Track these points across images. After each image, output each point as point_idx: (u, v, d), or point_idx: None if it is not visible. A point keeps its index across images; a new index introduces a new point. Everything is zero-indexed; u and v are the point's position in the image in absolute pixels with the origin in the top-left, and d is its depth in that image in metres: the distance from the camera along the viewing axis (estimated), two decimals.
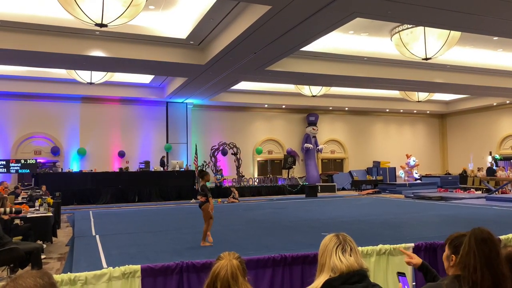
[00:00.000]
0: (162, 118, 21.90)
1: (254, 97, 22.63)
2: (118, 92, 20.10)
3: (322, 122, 26.08)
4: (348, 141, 27.05)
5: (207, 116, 23.35)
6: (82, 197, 17.71)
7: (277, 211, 14.13)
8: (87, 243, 8.41)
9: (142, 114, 21.55)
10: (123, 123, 21.16)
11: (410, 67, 17.06)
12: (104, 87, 19.23)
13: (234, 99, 22.31)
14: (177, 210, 14.99)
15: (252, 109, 24.48)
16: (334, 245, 1.97)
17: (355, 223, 10.62)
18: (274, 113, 25.24)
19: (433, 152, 29.42)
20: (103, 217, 13.13)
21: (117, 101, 21.08)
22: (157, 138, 21.76)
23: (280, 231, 9.49)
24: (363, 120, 27.41)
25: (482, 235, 1.85)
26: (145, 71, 16.07)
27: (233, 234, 9.18)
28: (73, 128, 20.35)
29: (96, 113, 20.70)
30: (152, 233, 9.53)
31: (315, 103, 23.93)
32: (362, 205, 15.81)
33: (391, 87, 19.79)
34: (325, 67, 15.99)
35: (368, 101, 25.14)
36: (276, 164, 25.46)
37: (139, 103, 21.47)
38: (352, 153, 27.06)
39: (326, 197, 19.75)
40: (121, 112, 21.20)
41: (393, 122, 28.37)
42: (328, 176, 25.45)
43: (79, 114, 20.44)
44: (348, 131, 27.10)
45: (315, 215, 12.67)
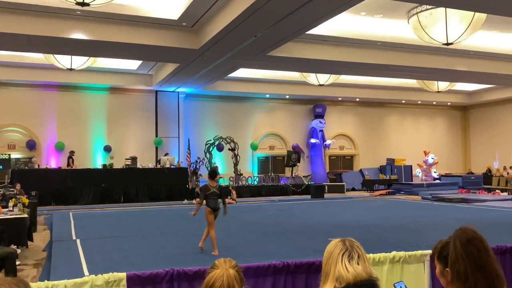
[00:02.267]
0: (150, 109, 21.89)
1: (254, 86, 22.59)
2: (101, 80, 20.06)
3: (330, 114, 26.05)
4: (359, 136, 27.04)
5: (201, 107, 23.34)
6: (61, 196, 17.73)
7: (279, 213, 14.16)
8: (66, 247, 8.43)
9: (128, 105, 21.53)
10: (107, 114, 21.15)
11: (429, 53, 17.02)
12: (85, 73, 19.20)
13: (232, 88, 22.27)
14: (168, 212, 15.02)
15: (251, 100, 24.45)
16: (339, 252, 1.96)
17: (366, 227, 10.64)
18: (276, 104, 25.21)
19: (454, 148, 29.43)
20: (85, 219, 13.15)
21: (100, 90, 21.06)
22: (145, 132, 21.76)
23: (282, 236, 9.52)
24: (376, 113, 27.38)
25: (466, 235, 1.82)
26: (132, 56, 16.02)
27: (229, 239, 9.21)
28: (51, 119, 20.34)
29: (77, 103, 20.68)
30: (140, 237, 9.56)
31: (322, 93, 23.89)
32: (374, 208, 15.82)
33: (407, 76, 19.73)
34: (334, 53, 15.95)
35: (381, 91, 25.10)
36: (278, 161, 25.46)
37: (125, 92, 21.44)
38: (363, 149, 27.07)
39: (334, 198, 19.77)
40: (105, 102, 21.18)
41: (409, 115, 28.34)
42: (336, 175, 25.46)
43: (58, 104, 20.42)
44: (359, 124, 27.08)
45: (322, 218, 12.69)
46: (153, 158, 21.54)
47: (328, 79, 19.18)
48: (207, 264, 2.00)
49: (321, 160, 25.47)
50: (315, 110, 25.49)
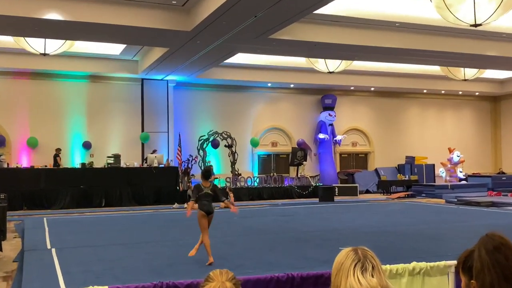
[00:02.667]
0: (136, 99, 21.89)
1: (254, 74, 22.57)
2: (79, 66, 20.04)
3: (341, 106, 26.04)
4: (374, 130, 27.04)
5: (193, 98, 23.33)
6: (33, 199, 17.76)
7: (283, 219, 14.19)
8: (40, 258, 8.45)
9: (110, 95, 21.52)
10: (87, 106, 21.15)
11: (454, 36, 17.00)
12: (61, 59, 19.17)
13: (229, 76, 22.25)
14: (156, 218, 15.04)
15: (251, 89, 24.42)
16: (351, 263, 1.94)
17: (381, 234, 10.66)
18: (280, 94, 25.19)
19: (483, 145, 29.43)
20: (61, 225, 13.17)
21: (78, 78, 21.04)
22: (129, 126, 21.76)
23: (286, 244, 9.54)
24: (394, 104, 27.37)
25: (493, 242, 1.81)
26: (114, 39, 15.99)
27: (226, 248, 9.23)
28: (23, 112, 20.33)
29: (51, 93, 20.67)
30: (123, 246, 9.58)
31: (332, 82, 23.87)
32: (391, 212, 15.85)
33: (430, 62, 19.70)
34: (346, 35, 15.92)
35: (400, 80, 25.08)
36: (281, 160, 25.46)
37: (107, 80, 21.42)
38: (379, 146, 27.08)
39: (345, 202, 19.79)
40: (83, 92, 21.17)
41: (431, 107, 28.33)
42: (348, 175, 25.47)
43: (30, 94, 20.41)
44: (374, 117, 27.07)
45: (332, 224, 12.72)
46: (139, 156, 21.56)
47: (339, 66, 19.16)
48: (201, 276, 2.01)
49: (331, 158, 25.47)
50: (324, 101, 25.47)
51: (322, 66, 19.19)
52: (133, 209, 17.61)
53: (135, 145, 21.72)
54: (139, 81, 21.81)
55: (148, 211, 16.87)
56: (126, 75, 21.25)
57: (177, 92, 22.75)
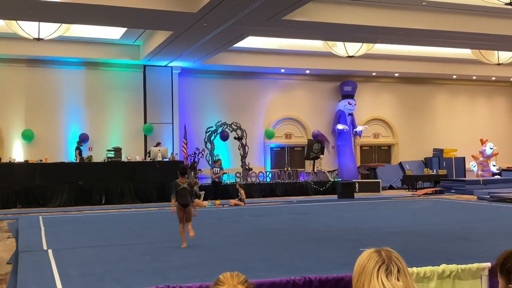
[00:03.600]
0: (137, 88, 21.95)
1: (266, 59, 22.51)
2: (76, 52, 20.13)
3: (362, 93, 25.91)
4: (398, 120, 26.89)
5: (200, 86, 23.34)
6: (28, 197, 17.93)
7: (298, 217, 14.19)
8: (36, 260, 8.54)
9: (110, 83, 21.61)
10: (84, 95, 21.26)
11: (487, 16, 16.79)
12: (57, 44, 19.27)
13: (238, 61, 22.21)
14: (160, 216, 15.11)
15: (263, 76, 24.36)
16: (375, 265, 1.96)
17: (407, 234, 10.63)
18: (294, 81, 25.11)
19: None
20: (58, 224, 13.29)
21: (75, 65, 21.14)
22: (131, 116, 21.84)
23: (302, 245, 9.54)
24: (420, 91, 27.17)
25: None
26: (114, 22, 16.01)
27: (237, 249, 9.25)
28: (16, 102, 20.50)
29: (46, 81, 20.81)
30: (125, 247, 9.65)
31: (352, 67, 23.74)
32: (417, 210, 15.78)
33: (460, 44, 19.50)
34: (367, 16, 15.80)
35: (427, 64, 24.88)
36: (296, 153, 25.41)
37: (106, 67, 21.50)
38: (404, 137, 26.93)
39: (366, 199, 19.76)
40: (81, 80, 21.27)
41: (462, 94, 28.08)
42: (369, 169, 25.39)
43: (24, 83, 20.56)
44: (398, 106, 26.91)
45: (352, 223, 12.70)
46: (141, 149, 21.66)
47: (359, 49, 19.05)
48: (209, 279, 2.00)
49: (351, 151, 25.40)
50: (342, 89, 25.36)
51: (340, 50, 19.09)
52: (135, 207, 17.71)
53: (137, 137, 21.81)
54: (141, 68, 21.86)
55: (152, 209, 16.95)
56: (127, 61, 21.31)
57: (182, 80, 22.78)
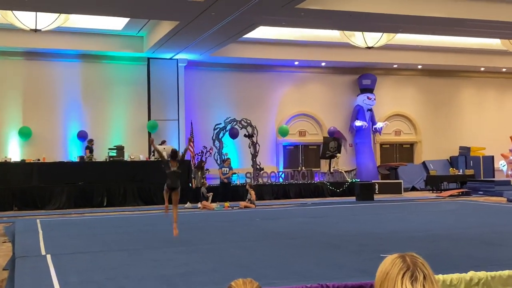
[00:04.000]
0: (141, 82, 22.02)
1: (278, 51, 22.48)
2: (76, 44, 20.23)
3: (382, 87, 25.81)
4: (422, 116, 26.76)
5: (208, 80, 23.36)
6: (25, 199, 18.06)
7: (313, 221, 14.18)
8: (33, 266, 8.59)
9: (111, 77, 21.70)
10: (85, 90, 21.37)
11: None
12: (55, 36, 19.38)
13: (249, 53, 22.20)
14: (165, 219, 15.15)
15: (275, 69, 24.34)
16: (399, 271, 1.96)
17: (432, 239, 10.58)
18: (309, 75, 25.05)
19: None
20: (57, 228, 13.36)
21: (74, 58, 21.25)
22: (134, 113, 21.93)
23: (317, 251, 9.53)
24: (445, 85, 27.01)
25: None
26: (116, 12, 16.06)
27: (247, 255, 9.26)
28: (13, 97, 20.65)
29: (44, 75, 20.93)
30: (128, 252, 9.69)
31: (371, 59, 23.66)
32: (442, 213, 15.72)
33: (488, 34, 19.33)
34: (388, 3, 15.72)
35: (453, 56, 24.71)
36: (311, 152, 25.37)
37: (107, 60, 21.59)
38: (428, 134, 26.80)
39: (387, 201, 19.71)
40: (81, 74, 21.38)
41: (490, 88, 27.87)
42: (390, 169, 25.29)
43: (21, 77, 20.70)
44: (421, 101, 26.77)
45: (371, 227, 12.67)
46: (145, 147, 21.72)
47: (379, 40, 18.96)
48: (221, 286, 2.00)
49: (370, 149, 25.33)
50: (361, 82, 25.28)
51: (359, 40, 19.01)
52: (139, 209, 17.79)
53: (141, 135, 21.87)
54: (144, 61, 21.93)
55: (156, 212, 17.02)
56: (130, 54, 21.38)
57: (188, 73, 22.82)
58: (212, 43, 19.45)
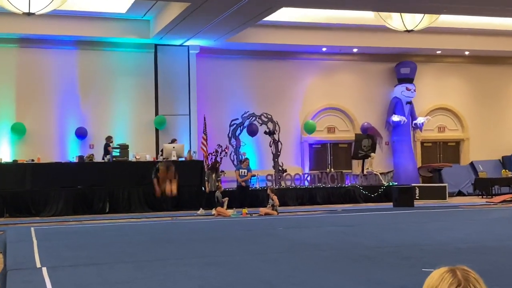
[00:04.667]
0: (147, 72, 22.11)
1: (304, 35, 22.46)
2: (74, 29, 20.37)
3: (423, 77, 25.70)
4: (469, 110, 26.60)
5: (223, 69, 23.40)
6: (18, 204, 18.22)
7: (344, 230, 14.12)
8: (27, 280, 8.66)
9: (114, 66, 21.83)
10: (84, 81, 21.51)
11: None
12: (51, 20, 19.52)
13: (270, 39, 22.22)
14: (175, 227, 15.21)
15: (300, 56, 24.34)
16: (448, 287, 1.91)
17: (482, 251, 10.49)
18: (339, 63, 25.01)
19: None
20: (53, 237, 13.45)
21: (72, 45, 21.41)
22: (140, 107, 22.04)
23: (348, 264, 9.50)
24: (496, 74, 26.84)
25: None
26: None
27: (269, 269, 9.24)
28: (4, 89, 20.86)
29: (39, 64, 21.12)
30: (134, 265, 9.73)
31: (410, 44, 23.55)
32: (493, 222, 15.60)
33: None
34: None
35: (505, 40, 24.55)
36: (341, 151, 25.31)
37: (110, 47, 21.73)
38: (476, 131, 26.63)
39: (429, 208, 19.59)
40: (80, 63, 21.53)
41: None
42: (433, 171, 25.14)
43: (14, 66, 20.91)
44: (469, 92, 26.62)
45: (411, 237, 12.61)
46: (152, 146, 21.85)
47: (420, 22, 18.82)
48: None
49: (409, 148, 25.22)
50: (399, 71, 25.18)
51: (397, 23, 18.89)
52: (146, 216, 17.85)
53: (147, 132, 21.99)
54: (151, 48, 22.02)
55: (165, 219, 17.08)
56: (135, 40, 21.49)
57: (201, 62, 22.86)
58: (228, 27, 19.45)
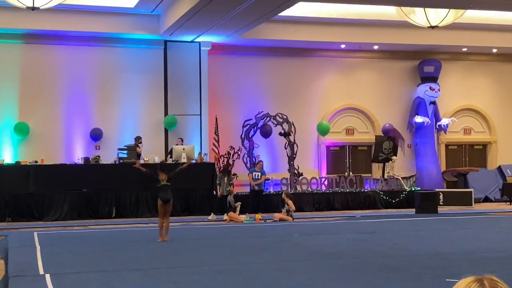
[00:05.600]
0: (157, 70, 22.16)
1: (321, 31, 22.43)
2: (80, 25, 20.44)
3: (448, 76, 25.59)
4: (497, 111, 26.46)
5: (236, 67, 23.41)
6: (20, 208, 18.31)
7: (364, 237, 14.08)
8: (30, 287, 8.71)
9: (122, 63, 21.87)
10: (91, 79, 21.58)
11: None
12: (56, 15, 19.62)
13: (285, 35, 22.20)
14: (185, 233, 15.24)
15: (317, 53, 24.30)
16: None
17: (510, 261, 10.47)
18: (358, 60, 24.97)
19: None
20: (57, 242, 13.52)
21: (79, 41, 21.48)
22: (148, 106, 22.08)
23: (369, 274, 9.46)
24: None
25: None
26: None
27: (285, 278, 9.22)
28: (8, 87, 20.97)
29: (44, 61, 21.19)
30: (142, 272, 9.74)
31: (434, 41, 23.47)
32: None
33: None
34: None
35: None
36: (361, 154, 25.25)
37: (117, 43, 21.79)
38: (505, 133, 26.49)
39: (454, 214, 19.55)
40: (86, 61, 21.57)
41: None
42: (458, 175, 24.99)
43: (18, 64, 21.01)
44: (496, 92, 26.50)
45: (435, 246, 12.54)
46: (161, 147, 21.88)
47: (444, 18, 18.74)
48: None
49: (433, 151, 25.11)
50: (422, 70, 25.08)
51: (420, 18, 18.83)
52: (154, 222, 17.86)
53: (156, 133, 22.03)
54: (161, 44, 22.06)
55: (174, 224, 17.12)
56: (144, 36, 21.54)
57: (213, 59, 22.87)
58: (242, 22, 19.45)
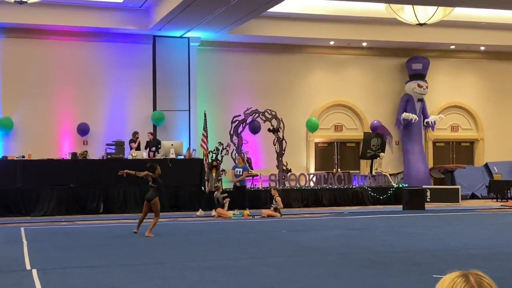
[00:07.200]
0: (145, 65, 22.07)
1: (310, 28, 22.40)
2: (67, 19, 20.33)
3: (435, 73, 25.63)
4: (485, 108, 26.53)
5: (225, 63, 23.36)
6: (7, 203, 18.19)
7: (351, 234, 14.14)
8: (16, 283, 8.68)
9: (110, 59, 21.79)
10: (78, 74, 21.48)
11: None
12: (43, 9, 19.51)
13: (274, 31, 22.17)
14: (173, 229, 15.22)
15: (306, 50, 24.29)
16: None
17: (495, 258, 10.51)
18: (347, 57, 24.97)
19: None
20: (45, 238, 13.47)
21: (67, 35, 21.40)
22: (137, 102, 22.02)
23: (355, 270, 9.50)
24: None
25: None
26: None
27: (273, 274, 9.26)
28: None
29: (30, 56, 21.10)
30: (130, 268, 9.73)
31: (423, 38, 23.51)
32: (508, 226, 15.61)
33: None
34: None
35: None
36: (349, 150, 25.29)
37: (105, 38, 21.69)
38: (492, 130, 26.57)
39: (441, 211, 19.59)
40: (73, 55, 21.49)
41: None
42: (445, 172, 25.09)
43: (2, 58, 20.89)
44: (484, 90, 26.56)
45: (421, 242, 12.61)
46: None
47: (433, 15, 18.79)
48: None
49: (420, 148, 25.18)
50: (410, 67, 25.11)
51: (408, 15, 18.86)
52: None
53: (145, 128, 21.92)
54: (150, 39, 21.98)
55: (162, 220, 17.07)
56: (132, 31, 21.46)
57: (202, 55, 22.84)
58: (231, 18, 19.42)
